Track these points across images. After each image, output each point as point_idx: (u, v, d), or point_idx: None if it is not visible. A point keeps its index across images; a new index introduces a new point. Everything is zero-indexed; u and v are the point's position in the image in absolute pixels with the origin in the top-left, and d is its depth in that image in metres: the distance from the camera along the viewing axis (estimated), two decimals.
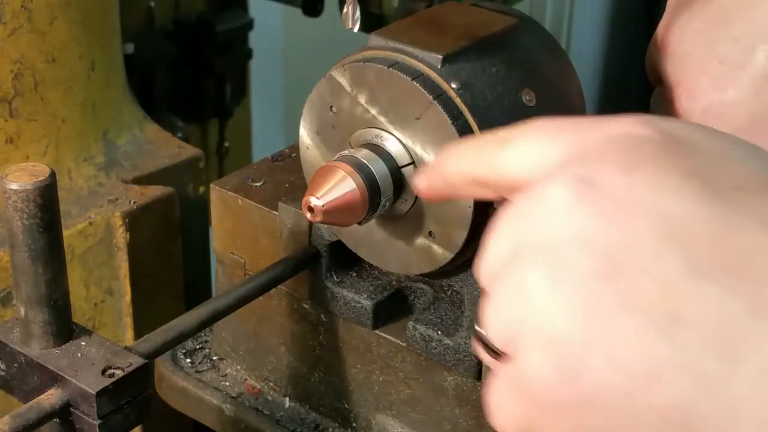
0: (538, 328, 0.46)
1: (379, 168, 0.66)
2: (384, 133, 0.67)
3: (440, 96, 0.65)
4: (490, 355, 0.51)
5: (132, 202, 1.02)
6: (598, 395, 0.44)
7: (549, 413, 0.47)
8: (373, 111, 0.67)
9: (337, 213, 0.64)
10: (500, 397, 0.49)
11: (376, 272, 0.75)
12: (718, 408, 0.42)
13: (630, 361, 0.43)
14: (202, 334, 0.88)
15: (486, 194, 0.54)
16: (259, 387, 0.83)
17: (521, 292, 0.47)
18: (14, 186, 0.60)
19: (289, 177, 0.81)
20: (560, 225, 0.46)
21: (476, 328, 0.52)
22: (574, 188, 0.46)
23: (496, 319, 0.49)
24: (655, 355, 0.43)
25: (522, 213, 0.48)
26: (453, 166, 0.55)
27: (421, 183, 0.58)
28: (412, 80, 0.65)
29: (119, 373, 0.61)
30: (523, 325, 0.47)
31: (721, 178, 0.45)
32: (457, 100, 0.65)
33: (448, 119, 0.65)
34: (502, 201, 0.53)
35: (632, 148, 0.46)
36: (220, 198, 0.80)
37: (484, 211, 0.65)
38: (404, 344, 0.73)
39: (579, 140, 0.48)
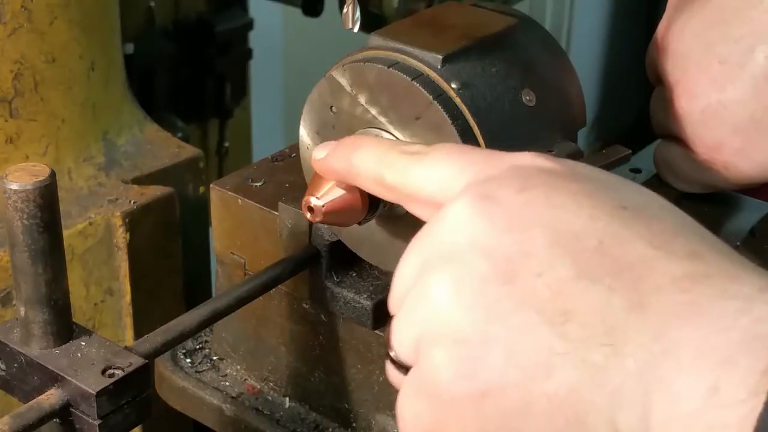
0: (441, 329, 0.50)
1: None
2: (384, 133, 0.67)
3: (440, 96, 0.65)
4: (401, 370, 0.54)
5: (132, 202, 1.02)
6: (495, 387, 0.48)
7: (450, 409, 0.50)
8: (373, 111, 0.67)
9: (338, 213, 0.64)
10: (406, 402, 0.53)
11: (376, 272, 0.75)
12: (602, 394, 0.46)
13: (525, 354, 0.48)
14: (202, 334, 0.88)
15: (384, 195, 0.59)
16: (259, 387, 0.83)
17: (426, 298, 0.50)
18: (14, 186, 0.60)
19: (289, 177, 0.81)
20: (461, 235, 0.50)
21: (388, 350, 0.53)
22: (474, 203, 0.50)
23: (405, 332, 0.52)
24: (547, 348, 0.47)
25: (428, 233, 0.52)
26: (364, 159, 0.59)
27: (320, 154, 0.63)
28: (412, 80, 0.65)
29: (119, 373, 0.61)
30: (427, 329, 0.50)
31: (607, 199, 0.50)
32: (457, 100, 0.65)
33: (448, 119, 0.65)
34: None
35: (529, 174, 0.52)
36: (220, 198, 0.80)
37: None
38: None
39: (484, 170, 0.53)
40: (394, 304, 0.55)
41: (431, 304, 0.50)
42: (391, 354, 0.54)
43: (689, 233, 0.49)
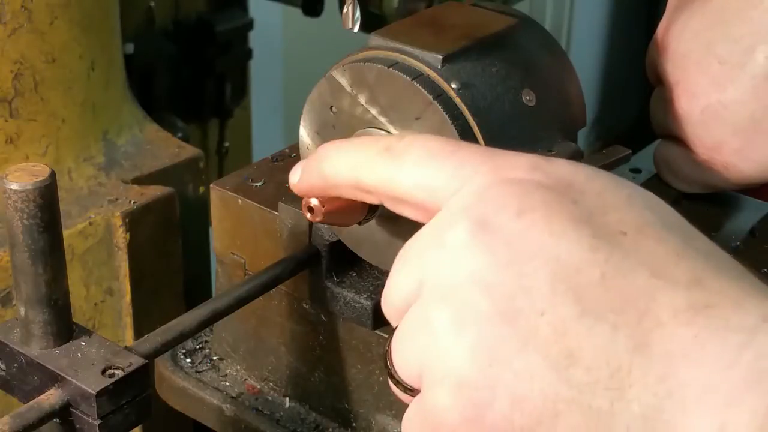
0: (444, 369, 0.49)
1: None
2: (384, 133, 0.67)
3: (440, 96, 0.65)
4: (402, 390, 0.54)
5: (132, 202, 1.02)
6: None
7: None
8: (373, 111, 0.67)
9: (338, 213, 0.64)
10: (412, 430, 0.52)
11: (376, 272, 0.75)
12: None
13: (530, 399, 0.47)
14: (202, 334, 0.88)
15: (368, 199, 0.57)
16: (259, 387, 0.83)
17: (428, 332, 0.50)
18: (14, 186, 0.60)
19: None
20: (460, 267, 0.49)
21: (388, 364, 0.53)
22: (472, 231, 0.49)
23: (406, 357, 0.52)
24: (551, 392, 0.46)
25: (425, 251, 0.51)
26: (335, 166, 0.58)
27: (295, 177, 0.61)
28: (412, 80, 0.65)
29: (119, 373, 0.61)
30: (430, 364, 0.50)
31: (606, 224, 0.48)
32: (457, 100, 0.65)
33: (448, 119, 0.65)
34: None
35: (525, 193, 0.49)
36: (220, 198, 0.80)
37: None
38: None
39: (475, 180, 0.51)
40: (389, 312, 0.54)
41: (433, 339, 0.49)
42: (392, 372, 0.53)
43: (693, 253, 0.48)
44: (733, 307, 0.45)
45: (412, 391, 0.53)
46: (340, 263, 0.75)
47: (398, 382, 0.53)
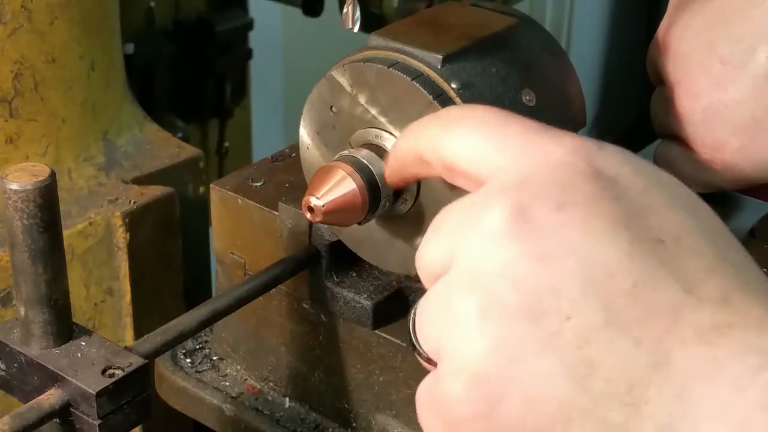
0: (462, 360, 0.48)
1: (379, 168, 0.66)
2: (384, 133, 0.67)
3: (440, 96, 0.65)
4: (422, 359, 0.53)
5: (132, 202, 1.01)
6: (509, 430, 0.47)
7: None
8: (373, 111, 0.67)
9: (338, 213, 0.64)
10: (424, 406, 0.52)
11: (376, 272, 0.75)
12: None
13: (543, 402, 0.46)
14: (202, 334, 0.88)
15: (428, 171, 0.56)
16: (259, 387, 0.83)
17: (450, 314, 0.49)
18: (14, 186, 0.60)
19: (289, 177, 0.81)
20: (492, 255, 0.48)
21: (411, 331, 0.53)
22: (509, 218, 0.48)
23: (427, 332, 0.51)
24: (566, 399, 0.46)
25: (460, 225, 0.50)
26: (403, 143, 0.58)
27: (385, 170, 0.63)
28: (412, 80, 0.65)
29: (119, 373, 0.61)
30: (449, 349, 0.49)
31: (645, 229, 0.48)
32: (457, 100, 0.65)
33: None
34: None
35: (568, 184, 0.49)
36: (220, 198, 0.80)
37: None
38: (404, 344, 0.73)
39: (520, 159, 0.50)
40: (421, 273, 0.53)
41: (454, 324, 0.49)
42: (414, 340, 0.53)
43: (725, 267, 0.47)
44: (756, 328, 0.45)
45: (431, 362, 0.52)
46: (340, 263, 0.75)
47: (418, 350, 0.53)
